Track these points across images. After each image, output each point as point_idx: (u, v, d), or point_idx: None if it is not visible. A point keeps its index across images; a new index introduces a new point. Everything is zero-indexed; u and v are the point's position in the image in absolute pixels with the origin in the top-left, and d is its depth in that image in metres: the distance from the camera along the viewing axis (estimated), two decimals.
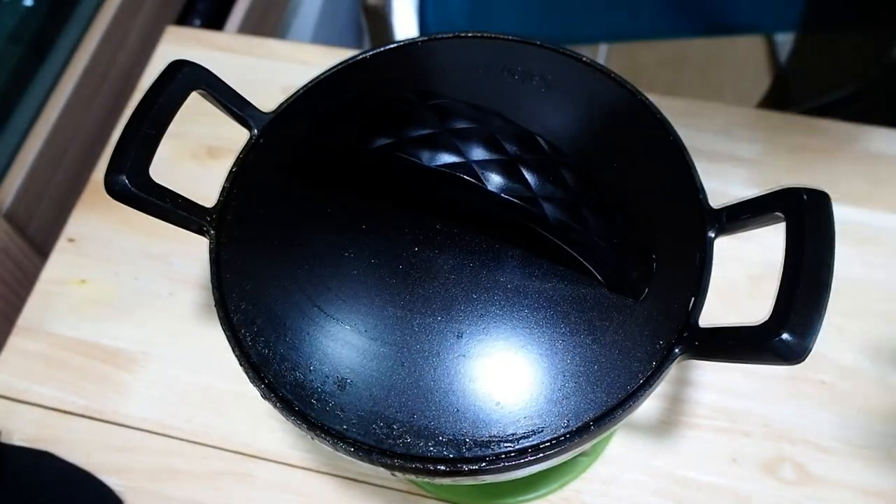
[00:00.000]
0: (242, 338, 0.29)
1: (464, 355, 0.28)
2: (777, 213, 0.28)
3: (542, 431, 0.27)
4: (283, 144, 0.34)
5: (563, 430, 0.27)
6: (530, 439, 0.27)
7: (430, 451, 0.27)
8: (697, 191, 0.31)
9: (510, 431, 0.27)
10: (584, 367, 0.28)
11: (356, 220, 0.31)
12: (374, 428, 0.27)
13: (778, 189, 0.28)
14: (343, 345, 0.29)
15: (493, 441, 0.27)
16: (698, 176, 0.32)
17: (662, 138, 0.33)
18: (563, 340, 0.28)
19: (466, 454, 0.27)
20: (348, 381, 0.28)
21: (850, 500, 0.44)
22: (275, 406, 0.28)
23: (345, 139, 0.32)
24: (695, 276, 0.29)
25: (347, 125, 0.33)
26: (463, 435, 0.27)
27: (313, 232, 0.31)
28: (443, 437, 0.27)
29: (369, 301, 0.29)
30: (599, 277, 0.29)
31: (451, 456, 0.27)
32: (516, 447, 0.27)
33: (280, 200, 0.32)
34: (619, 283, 0.29)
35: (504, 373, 0.28)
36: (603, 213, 0.28)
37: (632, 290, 0.29)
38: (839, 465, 0.45)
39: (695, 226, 0.30)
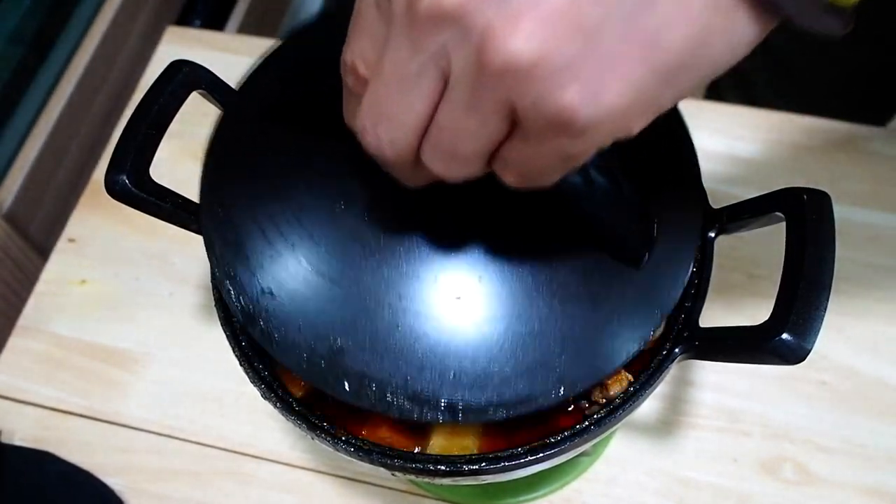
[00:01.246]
0: (242, 338, 0.29)
1: (461, 315, 0.27)
2: (777, 213, 0.28)
3: None
4: (256, 117, 0.32)
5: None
6: None
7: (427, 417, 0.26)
8: (698, 191, 0.31)
9: None
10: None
11: (346, 190, 0.29)
12: (367, 392, 0.26)
13: (778, 189, 0.28)
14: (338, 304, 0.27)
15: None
16: (699, 176, 0.32)
17: (663, 137, 0.32)
18: (564, 312, 0.27)
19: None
20: (342, 345, 0.27)
21: (850, 500, 0.44)
22: (275, 406, 0.28)
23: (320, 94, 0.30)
24: (695, 276, 0.29)
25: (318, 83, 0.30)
26: (460, 400, 0.26)
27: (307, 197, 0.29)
28: (441, 403, 0.26)
29: (362, 261, 0.27)
30: (602, 241, 0.28)
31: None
32: None
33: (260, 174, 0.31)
34: (622, 248, 0.28)
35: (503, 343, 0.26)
36: (609, 178, 0.27)
37: (633, 257, 0.28)
38: (839, 465, 0.45)
39: (695, 226, 0.30)
